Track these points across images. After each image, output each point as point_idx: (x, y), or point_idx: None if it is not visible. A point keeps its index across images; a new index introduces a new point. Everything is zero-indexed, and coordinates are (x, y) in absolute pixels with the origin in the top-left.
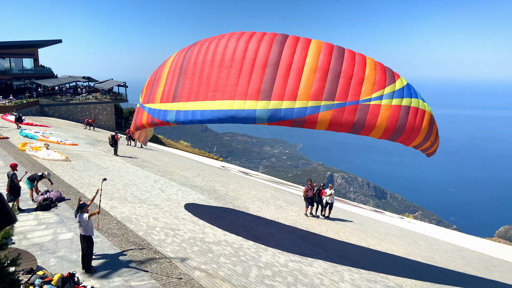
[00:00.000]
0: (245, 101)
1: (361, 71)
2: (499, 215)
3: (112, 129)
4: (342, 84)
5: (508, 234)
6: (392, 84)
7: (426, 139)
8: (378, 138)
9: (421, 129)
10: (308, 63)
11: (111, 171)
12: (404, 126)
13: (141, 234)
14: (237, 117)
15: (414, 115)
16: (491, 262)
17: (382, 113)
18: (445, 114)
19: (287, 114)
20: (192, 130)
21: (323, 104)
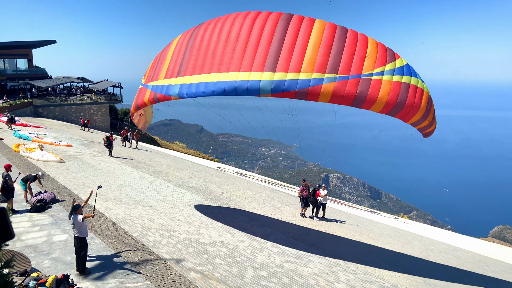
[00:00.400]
0: (250, 73)
1: (363, 48)
2: (493, 215)
3: (107, 130)
4: (345, 59)
5: (502, 234)
6: (392, 62)
7: (425, 117)
8: (378, 112)
9: (420, 107)
10: (313, 39)
11: (106, 172)
12: (404, 101)
13: (136, 236)
14: (241, 88)
15: (414, 93)
16: (485, 262)
17: (383, 87)
18: (439, 115)
19: (291, 85)
20: (187, 131)
21: (327, 76)
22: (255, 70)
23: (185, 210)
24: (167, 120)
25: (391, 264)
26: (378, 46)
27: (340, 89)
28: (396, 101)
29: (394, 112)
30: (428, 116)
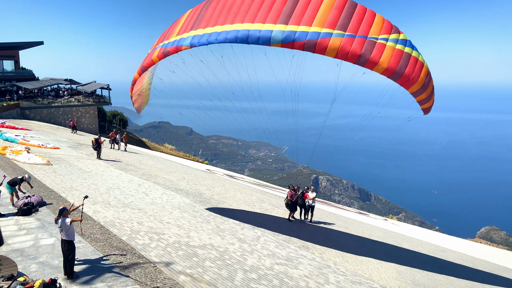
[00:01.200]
0: (264, 24)
1: (371, 17)
2: (480, 216)
3: (95, 133)
4: (353, 22)
5: (489, 235)
6: (396, 33)
7: (424, 89)
8: (380, 73)
9: (420, 77)
10: (326, 1)
11: (94, 175)
12: (405, 68)
13: (125, 239)
14: (253, 36)
15: (414, 63)
16: (473, 263)
17: (386, 51)
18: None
19: (301, 36)
20: (177, 134)
21: (335, 32)
22: (269, 22)
23: (175, 212)
24: (156, 122)
25: (381, 265)
26: (384, 20)
27: (347, 45)
28: (398, 66)
29: (396, 77)
30: (426, 88)
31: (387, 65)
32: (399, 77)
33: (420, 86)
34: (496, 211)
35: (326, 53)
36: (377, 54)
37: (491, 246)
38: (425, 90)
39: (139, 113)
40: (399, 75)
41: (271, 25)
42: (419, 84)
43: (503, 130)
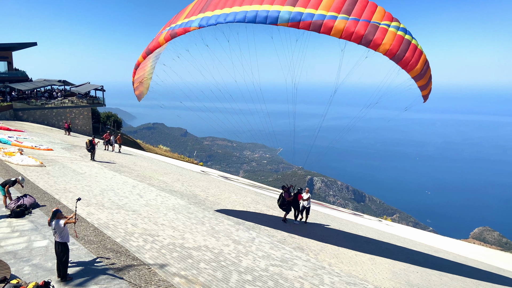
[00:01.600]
0: (272, 5)
1: (373, 7)
2: (473, 217)
3: (89, 134)
4: (358, 7)
5: (483, 235)
6: (397, 22)
7: (422, 75)
8: (383, 54)
9: (419, 62)
10: None
11: (88, 176)
12: (406, 52)
13: (119, 241)
14: (261, 16)
15: (414, 49)
16: (466, 264)
17: (388, 35)
18: (421, 119)
19: (307, 16)
20: (171, 135)
21: (340, 15)
22: (277, 4)
23: (169, 214)
24: (150, 123)
25: (375, 267)
26: (385, 10)
27: (351, 27)
28: (399, 49)
29: (397, 59)
30: (425, 74)
31: (389, 47)
32: (400, 59)
33: (419, 71)
34: (489, 212)
35: (332, 33)
36: (380, 36)
37: (484, 247)
38: (423, 77)
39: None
40: (400, 58)
41: (279, 6)
42: (419, 69)
43: (495, 132)
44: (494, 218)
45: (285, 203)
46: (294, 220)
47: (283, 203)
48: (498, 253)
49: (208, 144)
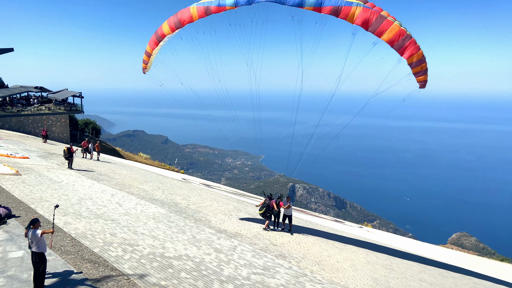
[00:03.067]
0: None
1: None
2: (451, 222)
3: (67, 142)
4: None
5: (460, 241)
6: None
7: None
8: (387, 40)
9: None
10: None
11: (65, 185)
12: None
13: (97, 251)
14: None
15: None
16: (445, 269)
17: (393, 26)
18: (400, 126)
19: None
20: (151, 142)
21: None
22: None
23: (149, 223)
24: (130, 131)
25: (356, 273)
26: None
27: (364, 12)
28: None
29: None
30: (422, 63)
31: (392, 36)
32: (400, 47)
33: (417, 59)
34: (466, 218)
35: (347, 19)
36: (386, 25)
37: (462, 252)
38: (420, 65)
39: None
40: (400, 46)
41: None
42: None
43: (471, 139)
44: (471, 223)
45: (269, 211)
46: (275, 228)
47: (268, 211)
48: (475, 258)
49: (190, 151)
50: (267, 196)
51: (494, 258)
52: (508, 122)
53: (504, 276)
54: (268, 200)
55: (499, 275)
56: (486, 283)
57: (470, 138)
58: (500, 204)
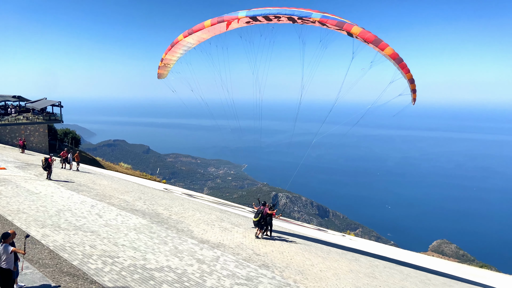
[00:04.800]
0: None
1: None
2: (431, 230)
3: (45, 152)
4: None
5: (441, 248)
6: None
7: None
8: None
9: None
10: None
11: (43, 196)
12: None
13: (76, 264)
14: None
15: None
16: (426, 276)
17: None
18: (381, 135)
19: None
20: (133, 152)
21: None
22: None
23: (130, 234)
24: (111, 140)
25: (339, 282)
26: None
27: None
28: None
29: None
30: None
31: (392, 52)
32: (400, 62)
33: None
34: (446, 225)
35: (351, 31)
36: (385, 44)
37: (442, 259)
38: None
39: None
40: (400, 60)
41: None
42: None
43: (449, 147)
44: (451, 230)
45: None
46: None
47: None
48: (455, 265)
49: (172, 161)
50: (261, 203)
51: (473, 265)
52: (484, 131)
53: (483, 282)
54: (262, 208)
55: (479, 281)
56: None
57: (449, 146)
58: (478, 211)
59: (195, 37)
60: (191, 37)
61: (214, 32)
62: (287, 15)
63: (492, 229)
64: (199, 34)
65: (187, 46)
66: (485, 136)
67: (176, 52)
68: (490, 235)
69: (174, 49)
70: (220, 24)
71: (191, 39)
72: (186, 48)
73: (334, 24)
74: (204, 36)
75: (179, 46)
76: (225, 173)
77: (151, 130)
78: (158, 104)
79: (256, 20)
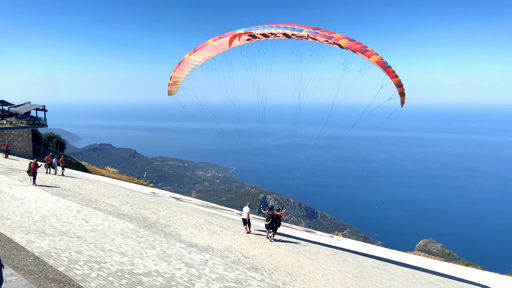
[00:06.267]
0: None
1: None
2: (417, 229)
3: (29, 156)
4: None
5: (427, 247)
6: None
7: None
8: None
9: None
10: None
11: (28, 202)
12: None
13: (62, 270)
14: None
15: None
16: (413, 275)
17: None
18: (367, 136)
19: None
20: (119, 156)
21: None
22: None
23: (117, 239)
24: (97, 144)
25: (328, 283)
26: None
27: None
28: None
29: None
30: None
31: (378, 59)
32: (386, 68)
33: (398, 82)
34: (432, 224)
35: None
36: (371, 52)
37: (429, 258)
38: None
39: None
40: (386, 66)
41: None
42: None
43: (434, 148)
44: (437, 230)
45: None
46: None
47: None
48: (442, 264)
49: (159, 164)
50: (269, 207)
51: (459, 263)
52: (467, 132)
53: (469, 279)
54: (271, 212)
55: (465, 279)
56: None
57: (433, 147)
58: (463, 210)
59: (201, 55)
60: (197, 56)
61: (218, 50)
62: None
63: (477, 228)
64: (204, 52)
65: (193, 64)
66: (468, 136)
67: (183, 70)
68: (475, 234)
69: (181, 67)
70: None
71: (197, 57)
72: (193, 66)
73: (323, 37)
74: (209, 55)
75: (186, 64)
76: (213, 176)
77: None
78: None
79: (255, 37)
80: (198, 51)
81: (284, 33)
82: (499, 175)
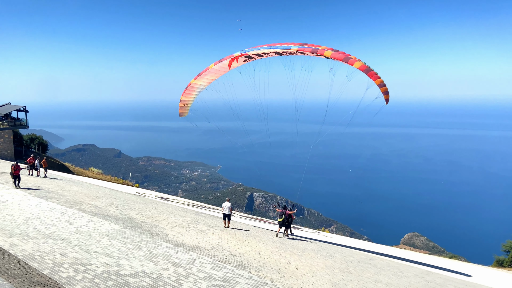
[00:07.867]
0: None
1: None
2: (402, 224)
3: (11, 159)
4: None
5: (412, 240)
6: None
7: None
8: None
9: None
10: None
11: (10, 204)
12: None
13: (46, 273)
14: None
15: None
16: (399, 269)
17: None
18: (352, 132)
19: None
20: (103, 156)
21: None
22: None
23: (103, 240)
24: (80, 145)
25: (315, 279)
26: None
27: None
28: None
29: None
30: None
31: (361, 64)
32: (369, 72)
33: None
34: (416, 218)
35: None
36: (354, 59)
37: (414, 252)
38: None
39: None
40: (368, 70)
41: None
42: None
43: (417, 143)
44: (421, 223)
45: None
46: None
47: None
48: (426, 256)
49: (144, 164)
50: (282, 207)
51: (443, 256)
52: (449, 126)
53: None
54: (283, 210)
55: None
56: (437, 280)
57: (416, 141)
58: (447, 204)
59: (205, 79)
60: (201, 80)
61: (219, 73)
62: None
63: (460, 221)
64: (207, 76)
65: (199, 88)
66: (452, 131)
67: (191, 94)
68: (458, 227)
69: (188, 91)
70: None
71: (201, 81)
72: (199, 89)
73: (309, 51)
74: (212, 78)
75: (193, 88)
76: (199, 174)
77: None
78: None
79: (251, 58)
80: (201, 75)
81: (276, 52)
82: (481, 169)
